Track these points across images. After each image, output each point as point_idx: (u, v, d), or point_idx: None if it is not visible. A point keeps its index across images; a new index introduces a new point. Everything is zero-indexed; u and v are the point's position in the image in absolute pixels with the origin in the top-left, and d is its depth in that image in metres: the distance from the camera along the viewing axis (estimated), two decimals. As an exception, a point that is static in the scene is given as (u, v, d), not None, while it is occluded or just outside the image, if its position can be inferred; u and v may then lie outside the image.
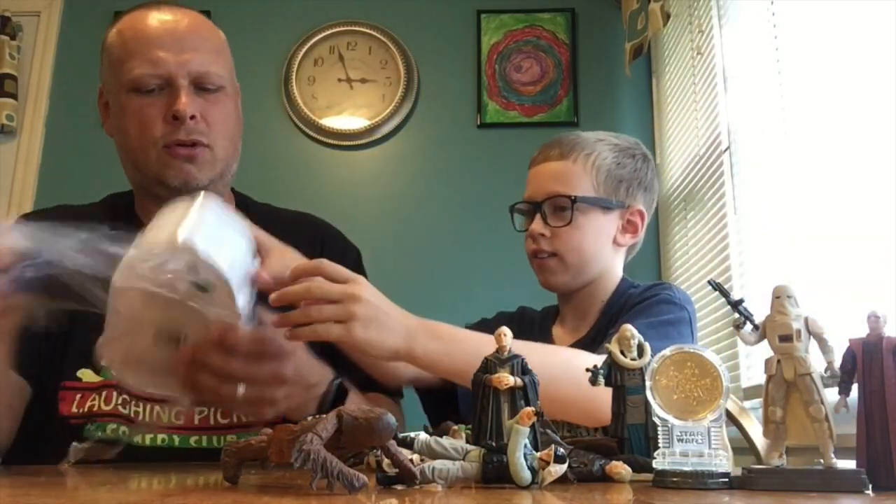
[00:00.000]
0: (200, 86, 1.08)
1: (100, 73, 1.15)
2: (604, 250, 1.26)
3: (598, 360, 0.74)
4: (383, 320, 0.88)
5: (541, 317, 1.39)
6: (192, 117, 1.06)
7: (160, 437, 1.04)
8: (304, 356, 0.93)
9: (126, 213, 1.17)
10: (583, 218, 1.23)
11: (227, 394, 0.86)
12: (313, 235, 1.22)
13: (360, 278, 0.89)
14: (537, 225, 1.24)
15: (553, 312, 1.37)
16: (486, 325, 1.30)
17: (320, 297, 0.85)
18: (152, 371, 0.85)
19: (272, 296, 0.84)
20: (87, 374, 1.04)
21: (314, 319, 0.85)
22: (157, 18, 1.09)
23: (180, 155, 1.07)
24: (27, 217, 1.22)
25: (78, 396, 1.04)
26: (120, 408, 1.03)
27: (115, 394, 1.04)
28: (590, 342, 1.16)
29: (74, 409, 1.03)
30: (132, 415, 1.04)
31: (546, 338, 1.29)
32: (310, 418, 0.54)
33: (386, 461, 0.56)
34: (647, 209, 1.30)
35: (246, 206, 1.22)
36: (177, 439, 1.04)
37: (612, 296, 1.25)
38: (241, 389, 0.85)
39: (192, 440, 1.04)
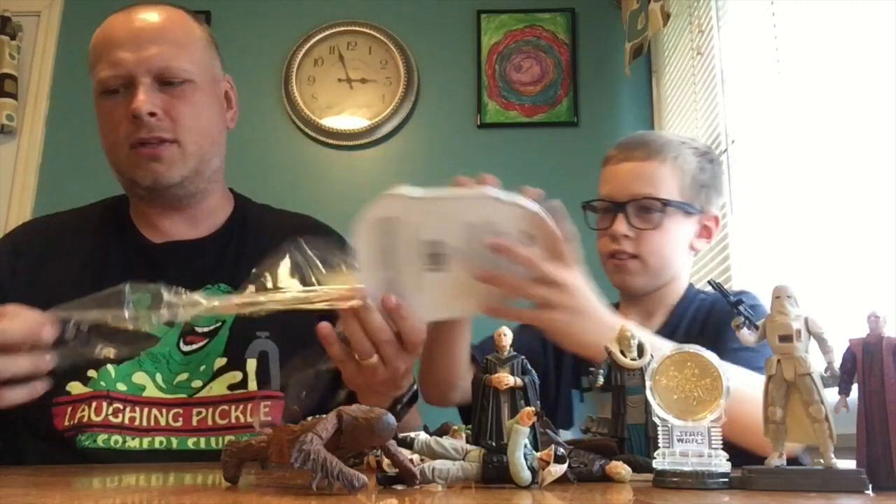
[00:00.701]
0: (164, 80, 1.06)
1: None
2: (681, 255, 1.26)
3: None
4: (589, 316, 0.88)
5: None
6: (153, 114, 1.04)
7: (158, 439, 1.03)
8: None
9: (118, 216, 1.17)
10: (668, 221, 1.21)
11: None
12: (312, 230, 1.19)
13: (577, 266, 0.89)
14: (621, 226, 1.21)
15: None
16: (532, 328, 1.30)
17: (538, 273, 0.86)
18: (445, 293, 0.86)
19: (491, 240, 0.85)
20: (75, 387, 1.03)
21: (520, 292, 0.87)
22: (123, 19, 1.09)
23: (145, 154, 1.05)
24: (13, 234, 1.21)
25: (69, 409, 1.02)
26: (111, 417, 1.02)
27: (104, 404, 1.02)
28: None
29: (66, 423, 1.02)
30: (126, 421, 1.02)
31: None
32: (310, 419, 0.54)
33: (386, 461, 0.56)
34: (719, 214, 1.31)
35: (245, 207, 1.21)
36: (175, 441, 1.03)
37: (682, 300, 1.25)
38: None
39: (191, 442, 1.04)
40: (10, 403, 0.81)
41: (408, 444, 0.57)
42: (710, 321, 1.20)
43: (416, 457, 0.57)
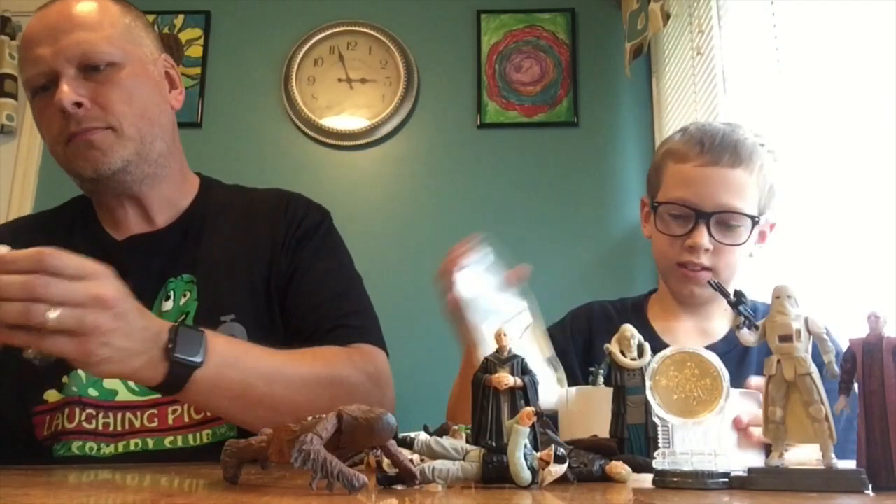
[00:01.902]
0: (87, 67, 1.02)
1: None
2: (742, 264, 1.21)
3: None
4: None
5: (632, 307, 1.32)
6: (79, 104, 1.00)
7: (133, 441, 1.00)
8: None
9: (86, 214, 1.15)
10: (748, 235, 1.16)
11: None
12: (277, 203, 1.17)
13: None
14: (704, 238, 1.14)
15: (642, 303, 1.31)
16: (562, 326, 1.29)
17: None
18: None
19: None
20: (51, 395, 1.01)
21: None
22: (39, 16, 1.05)
23: (78, 142, 1.01)
24: None
25: (47, 418, 1.00)
26: (84, 423, 0.99)
27: (77, 410, 1.00)
28: (727, 347, 1.15)
29: (45, 432, 1.00)
30: (100, 427, 1.00)
31: (647, 330, 1.20)
32: (310, 418, 0.54)
33: (386, 461, 0.56)
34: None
35: (209, 191, 1.18)
36: (151, 442, 1.00)
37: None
38: (51, 314, 0.70)
39: (168, 441, 1.01)
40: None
41: (408, 444, 0.57)
42: None
43: (416, 457, 0.57)
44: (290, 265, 1.10)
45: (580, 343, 1.27)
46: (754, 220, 1.15)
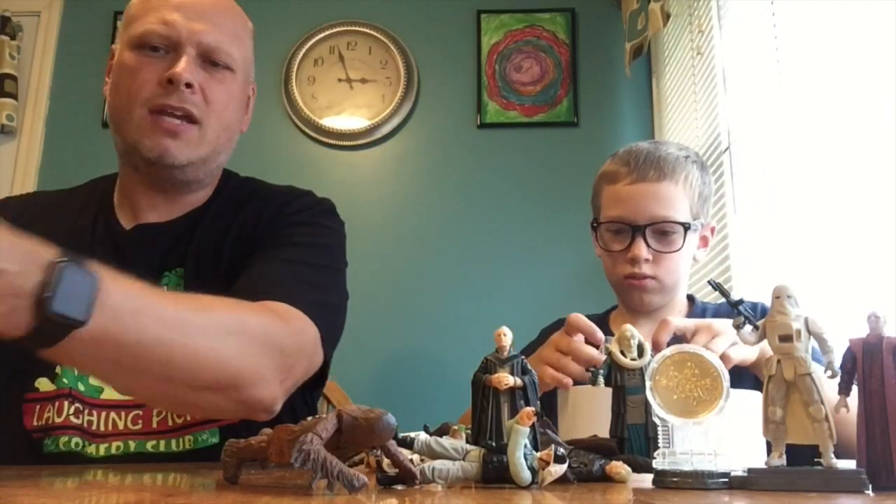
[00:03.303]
0: (208, 59, 1.02)
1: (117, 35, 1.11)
2: (687, 268, 1.29)
3: None
4: None
5: (597, 321, 1.38)
6: (189, 86, 0.99)
7: (115, 444, 0.97)
8: None
9: (101, 197, 1.12)
10: (682, 241, 1.23)
11: None
12: (275, 194, 1.15)
13: None
14: (642, 250, 1.22)
15: (605, 318, 1.38)
16: (535, 346, 1.31)
17: None
18: None
19: None
20: (43, 384, 0.98)
21: None
22: None
23: (163, 126, 0.99)
24: (4, 202, 1.15)
25: (37, 408, 0.97)
26: (72, 418, 0.96)
27: (66, 403, 0.97)
28: None
29: (35, 422, 0.97)
30: (85, 424, 0.97)
31: (608, 332, 1.25)
32: (310, 418, 0.54)
33: (386, 461, 0.55)
34: (714, 223, 1.35)
35: (226, 183, 1.15)
36: (133, 444, 0.97)
37: (689, 313, 1.29)
38: None
39: (150, 445, 0.98)
40: None
41: (408, 444, 0.57)
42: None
43: (416, 457, 0.57)
44: (262, 245, 1.04)
45: None
46: (686, 227, 1.23)
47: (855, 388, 0.54)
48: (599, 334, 1.01)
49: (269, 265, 0.99)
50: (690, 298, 1.36)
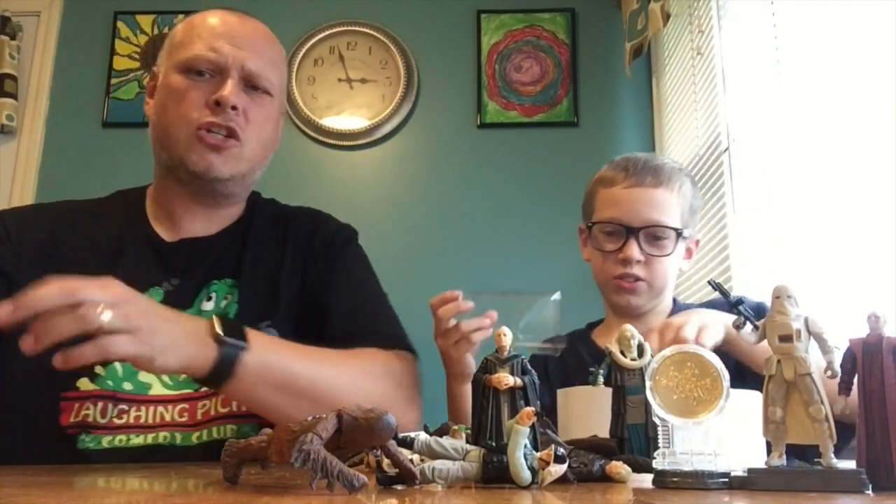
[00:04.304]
0: (249, 83, 1.12)
1: (158, 57, 1.19)
2: (674, 275, 1.34)
3: None
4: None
5: (577, 337, 1.42)
6: (234, 108, 1.08)
7: (162, 434, 1.02)
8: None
9: (133, 210, 1.18)
10: (673, 247, 1.28)
11: None
12: (308, 220, 1.25)
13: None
14: (635, 251, 1.27)
15: (586, 332, 1.42)
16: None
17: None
18: None
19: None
20: (84, 383, 1.02)
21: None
22: (228, 17, 1.15)
23: (209, 142, 1.08)
24: (34, 209, 1.21)
25: (75, 405, 1.01)
26: (115, 419, 1.01)
27: (110, 405, 1.01)
28: None
29: (71, 419, 1.00)
30: (132, 421, 1.02)
31: (591, 346, 1.35)
32: (310, 418, 0.54)
33: (386, 461, 0.55)
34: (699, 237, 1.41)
35: (255, 202, 1.24)
36: (179, 437, 1.03)
37: (672, 313, 1.31)
38: (104, 316, 0.76)
39: (195, 437, 1.03)
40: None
41: (408, 444, 0.57)
42: None
43: (416, 457, 0.57)
44: (322, 279, 1.16)
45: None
46: (678, 233, 1.27)
47: (855, 388, 0.54)
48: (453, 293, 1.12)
49: (358, 307, 1.15)
50: (673, 301, 1.39)
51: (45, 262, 1.05)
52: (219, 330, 0.87)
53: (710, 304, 1.30)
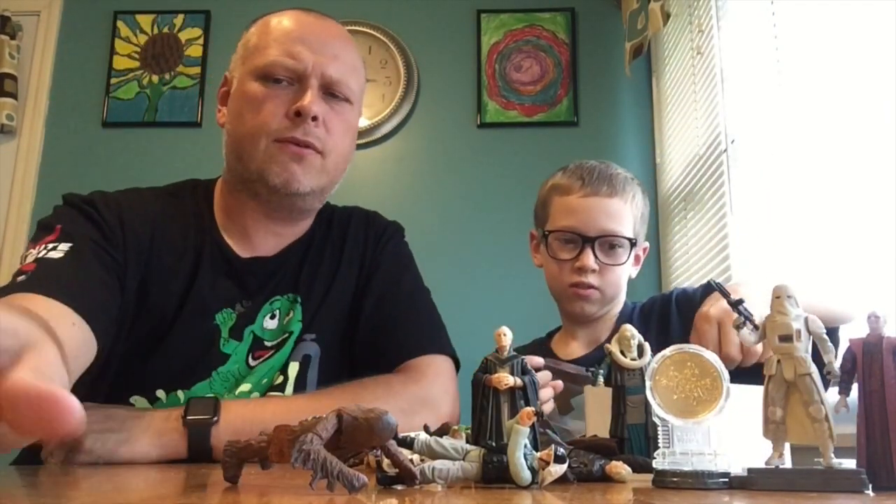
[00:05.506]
0: (329, 91, 1.06)
1: (231, 61, 1.13)
2: (625, 283, 1.36)
3: None
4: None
5: (538, 345, 1.45)
6: (314, 118, 1.02)
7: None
8: None
9: (206, 215, 1.12)
10: (627, 255, 1.31)
11: None
12: (361, 222, 1.21)
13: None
14: (590, 260, 1.29)
15: (545, 340, 1.46)
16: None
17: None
18: None
19: None
20: (139, 402, 0.99)
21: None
22: (305, 19, 1.09)
23: (289, 152, 1.02)
24: (130, 200, 1.09)
25: None
26: None
27: None
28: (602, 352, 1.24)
29: None
30: None
31: (550, 354, 1.37)
32: (310, 418, 0.54)
33: (386, 461, 0.55)
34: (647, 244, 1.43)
35: (324, 212, 1.19)
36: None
37: (621, 315, 1.36)
38: None
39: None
40: None
41: (408, 444, 0.57)
42: (652, 315, 1.32)
43: (416, 457, 0.57)
44: (373, 285, 1.14)
45: None
46: (632, 242, 1.31)
47: (855, 388, 0.54)
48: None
49: (406, 320, 1.12)
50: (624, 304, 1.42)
51: (140, 265, 1.02)
52: (183, 412, 0.89)
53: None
